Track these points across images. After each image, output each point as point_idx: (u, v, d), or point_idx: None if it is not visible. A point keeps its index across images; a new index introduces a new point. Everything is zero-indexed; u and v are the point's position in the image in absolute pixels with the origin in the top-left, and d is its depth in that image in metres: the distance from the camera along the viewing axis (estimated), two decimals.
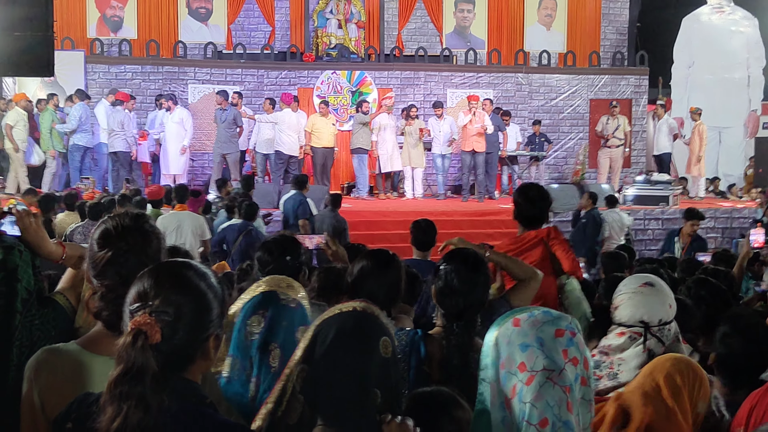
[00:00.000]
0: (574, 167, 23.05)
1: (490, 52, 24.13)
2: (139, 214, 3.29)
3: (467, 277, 4.07)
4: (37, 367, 2.97)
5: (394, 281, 4.53)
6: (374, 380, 2.66)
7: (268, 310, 3.60)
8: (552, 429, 2.53)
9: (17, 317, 3.58)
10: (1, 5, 11.08)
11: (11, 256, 3.62)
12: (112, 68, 21.56)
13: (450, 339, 3.96)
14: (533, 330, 2.64)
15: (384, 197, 20.89)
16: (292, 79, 22.29)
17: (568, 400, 2.57)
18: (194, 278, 2.41)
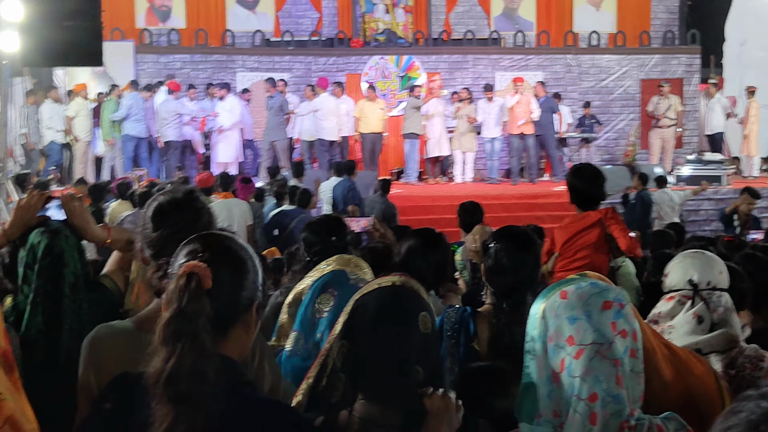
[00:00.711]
0: (625, 148, 22.90)
1: (538, 34, 23.98)
2: (190, 189, 3.32)
3: (517, 255, 4.01)
4: (93, 344, 3.00)
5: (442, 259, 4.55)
6: (414, 355, 2.65)
7: (338, 289, 3.58)
8: (602, 403, 2.49)
9: (65, 301, 3.65)
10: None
11: (57, 241, 3.69)
12: (161, 58, 21.76)
13: (500, 317, 3.94)
14: (581, 302, 2.61)
15: (433, 182, 20.87)
16: (340, 65, 22.33)
17: (618, 373, 2.53)
18: (235, 245, 2.44)
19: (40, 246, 3.68)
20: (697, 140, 23.59)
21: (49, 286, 3.65)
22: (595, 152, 22.46)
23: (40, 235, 3.71)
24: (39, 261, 3.67)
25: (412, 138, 20.18)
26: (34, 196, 3.86)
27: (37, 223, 3.80)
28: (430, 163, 21.18)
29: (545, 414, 2.59)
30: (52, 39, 11.39)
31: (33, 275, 3.67)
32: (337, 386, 2.73)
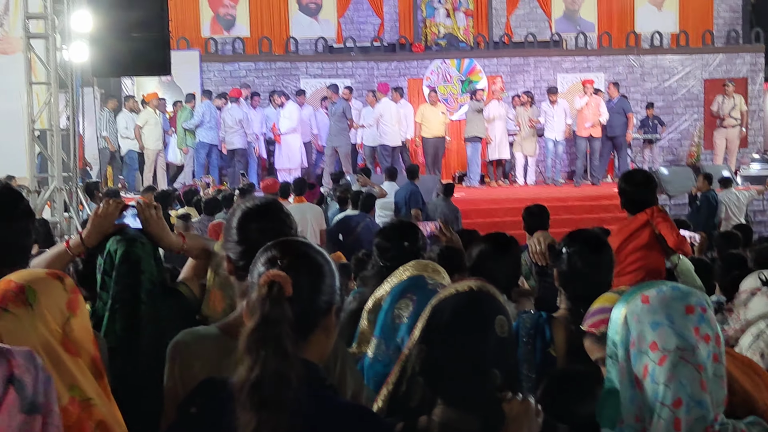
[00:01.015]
0: (689, 149, 22.70)
1: (600, 35, 23.80)
2: (271, 198, 3.40)
3: (591, 259, 3.97)
4: (178, 348, 3.05)
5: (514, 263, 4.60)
6: (491, 360, 2.63)
7: (416, 294, 3.60)
8: (686, 409, 2.50)
9: (142, 307, 3.69)
10: (119, 9, 11.42)
11: (134, 248, 3.73)
12: (226, 66, 21.99)
13: (577, 323, 3.73)
14: (663, 307, 2.61)
15: (495, 185, 20.85)
16: (401, 70, 22.37)
17: (702, 378, 2.53)
18: (312, 251, 2.49)
19: (118, 253, 3.73)
20: (761, 140, 23.32)
21: (127, 293, 3.70)
22: (659, 153, 22.26)
23: (117, 243, 3.76)
24: (116, 268, 3.72)
25: (474, 141, 20.18)
26: (110, 204, 3.91)
27: (114, 231, 3.85)
28: (491, 167, 21.14)
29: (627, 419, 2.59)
30: (121, 50, 11.57)
31: (111, 282, 3.72)
32: (416, 391, 2.72)
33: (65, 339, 2.56)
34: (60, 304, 2.60)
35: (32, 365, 2.09)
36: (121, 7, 11.54)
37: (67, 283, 2.67)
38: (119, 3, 11.54)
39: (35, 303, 2.52)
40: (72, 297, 2.65)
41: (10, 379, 2.02)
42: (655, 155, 21.87)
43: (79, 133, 18.42)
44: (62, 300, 2.61)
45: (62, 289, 2.63)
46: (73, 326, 2.62)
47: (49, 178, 12.60)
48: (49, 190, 12.14)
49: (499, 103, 20.64)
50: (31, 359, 2.09)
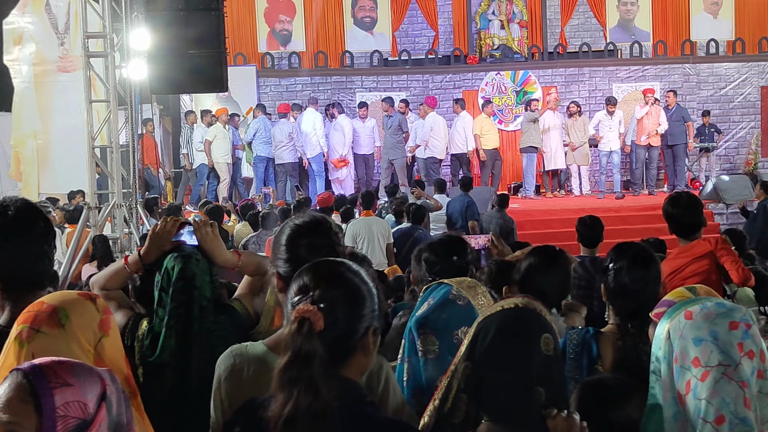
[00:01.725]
0: (746, 157, 22.48)
1: (655, 44, 23.63)
2: (320, 215, 3.43)
3: (638, 275, 3.94)
4: (225, 365, 3.11)
5: (563, 276, 4.60)
6: (536, 378, 2.64)
7: (434, 298, 3.60)
8: (729, 426, 2.50)
9: (195, 323, 3.80)
10: (176, 26, 11.59)
11: (189, 265, 3.85)
12: (282, 81, 22.16)
13: (625, 339, 3.86)
14: (706, 323, 2.62)
15: (551, 196, 20.80)
16: (456, 82, 22.40)
17: (746, 395, 2.53)
18: (347, 273, 2.51)
19: (174, 270, 3.85)
20: None
21: (182, 309, 3.80)
22: (716, 162, 22.05)
23: (173, 260, 3.88)
24: (173, 284, 3.83)
25: (530, 152, 20.11)
26: (168, 222, 4.03)
27: (171, 248, 3.98)
28: (547, 177, 21.10)
29: None
30: (179, 67, 11.72)
31: (167, 298, 3.83)
32: (460, 407, 2.74)
33: (97, 359, 2.64)
34: (92, 325, 2.69)
35: (114, 386, 2.16)
36: (179, 24, 11.68)
37: (99, 303, 2.77)
38: (177, 21, 11.68)
39: (67, 323, 2.61)
40: (104, 318, 2.74)
41: (103, 396, 2.09)
42: (711, 164, 21.67)
43: (156, 141, 18.79)
44: (95, 321, 2.71)
45: (95, 310, 2.73)
46: (105, 346, 2.71)
47: (109, 194, 12.79)
48: (110, 206, 12.32)
49: (554, 114, 20.56)
50: (113, 380, 2.17)
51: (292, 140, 19.57)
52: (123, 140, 13.07)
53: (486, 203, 16.68)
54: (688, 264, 6.17)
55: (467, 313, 3.57)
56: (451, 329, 3.56)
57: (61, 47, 18.28)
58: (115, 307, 4.04)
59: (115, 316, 4.01)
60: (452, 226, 14.99)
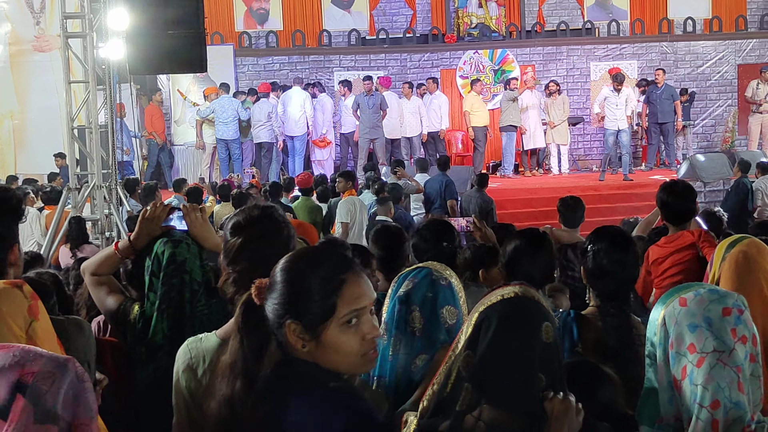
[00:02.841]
0: (723, 135, 22.59)
1: (633, 22, 23.65)
2: (267, 206, 3.47)
3: (617, 257, 3.99)
4: (182, 359, 3.21)
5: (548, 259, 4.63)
6: (538, 365, 2.68)
7: (417, 278, 3.56)
8: (724, 410, 2.55)
9: (187, 307, 3.84)
10: (155, 6, 11.50)
11: (179, 249, 3.88)
12: (260, 60, 22.05)
13: (606, 320, 3.91)
14: (700, 309, 2.67)
15: (529, 175, 20.85)
16: (434, 61, 22.37)
17: (739, 380, 2.59)
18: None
19: (165, 255, 3.88)
20: None
21: (173, 293, 3.84)
22: (693, 140, 22.18)
23: (164, 245, 3.91)
24: (163, 269, 3.87)
25: (509, 131, 20.12)
26: (158, 207, 4.07)
27: (162, 233, 4.01)
28: (526, 156, 21.14)
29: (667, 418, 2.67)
30: (157, 47, 11.63)
31: (158, 282, 3.87)
32: (462, 394, 2.74)
33: (30, 342, 2.65)
34: (22, 310, 2.72)
35: (60, 374, 2.03)
36: (157, 4, 11.58)
37: (26, 290, 2.79)
38: (155, 1, 11.60)
39: None
40: (32, 303, 2.77)
41: (18, 386, 1.97)
42: (689, 142, 21.78)
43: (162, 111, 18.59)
44: (23, 306, 2.73)
45: (22, 297, 2.75)
46: (36, 330, 2.73)
47: (89, 175, 12.73)
48: (90, 188, 12.25)
49: (533, 93, 20.64)
50: (60, 367, 2.04)
51: (270, 120, 19.50)
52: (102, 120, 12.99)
53: (465, 183, 16.71)
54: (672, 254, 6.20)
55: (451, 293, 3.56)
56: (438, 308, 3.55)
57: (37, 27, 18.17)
58: (107, 292, 4.08)
59: (107, 301, 4.06)
60: (430, 206, 14.99)
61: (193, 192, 14.04)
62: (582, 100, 22.62)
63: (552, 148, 20.94)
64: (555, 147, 20.86)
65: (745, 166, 15.48)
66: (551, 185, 18.56)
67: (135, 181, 15.00)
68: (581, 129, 22.50)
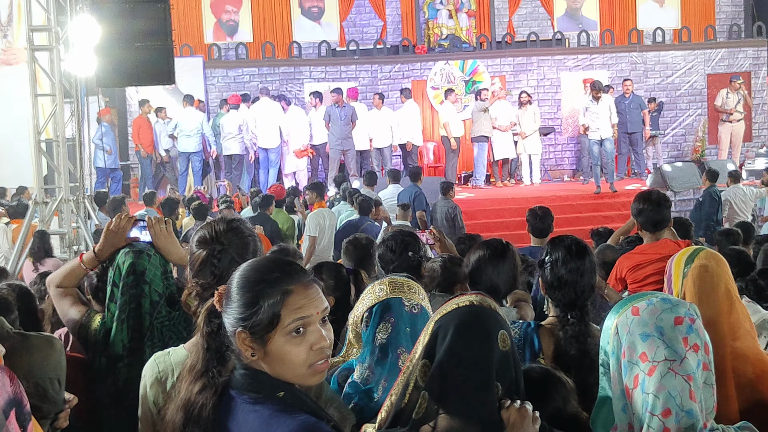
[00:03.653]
0: (693, 144, 22.72)
1: (602, 33, 23.84)
2: (232, 219, 3.46)
3: (574, 266, 3.99)
4: (149, 373, 3.20)
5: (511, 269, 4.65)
6: (494, 373, 2.70)
7: (394, 317, 3.55)
8: (675, 419, 2.55)
9: (147, 318, 3.85)
10: (122, 19, 11.46)
11: (140, 260, 3.90)
12: (230, 72, 22.01)
13: (566, 329, 3.90)
14: (652, 318, 2.66)
15: (501, 185, 20.87)
16: (405, 72, 22.39)
17: (691, 388, 2.59)
18: None
19: (125, 265, 3.90)
20: (766, 133, 23.34)
21: (133, 303, 3.85)
22: (663, 149, 22.31)
23: (125, 255, 3.94)
24: (123, 279, 3.88)
25: (481, 141, 20.12)
26: (122, 219, 4.08)
27: (126, 244, 4.02)
28: (497, 166, 21.16)
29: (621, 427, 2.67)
30: (125, 60, 11.59)
31: (118, 292, 3.88)
32: (419, 403, 2.76)
33: None
34: None
35: None
36: (125, 17, 11.55)
37: None
38: (123, 13, 11.55)
39: None
40: None
41: None
42: (659, 151, 21.91)
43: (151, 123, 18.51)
44: None
45: None
46: None
47: (56, 189, 12.65)
48: (57, 201, 12.17)
49: (504, 103, 20.69)
50: None
51: (241, 132, 19.45)
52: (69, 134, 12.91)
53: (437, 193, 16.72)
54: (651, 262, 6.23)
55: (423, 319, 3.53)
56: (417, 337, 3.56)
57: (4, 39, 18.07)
58: (71, 304, 4.09)
59: (70, 312, 4.06)
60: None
61: (167, 203, 13.95)
62: (553, 110, 22.73)
63: (524, 159, 20.95)
64: (527, 157, 20.88)
65: (712, 176, 15.55)
66: (522, 195, 18.59)
67: (104, 195, 14.92)
68: (552, 139, 22.57)
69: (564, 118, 22.38)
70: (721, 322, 3.31)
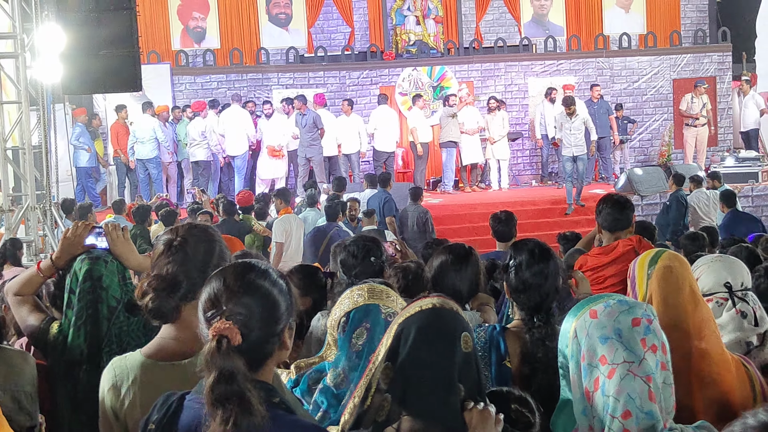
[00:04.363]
0: (659, 149, 22.85)
1: (569, 39, 23.97)
2: (199, 224, 3.46)
3: (538, 269, 3.99)
4: (106, 378, 3.16)
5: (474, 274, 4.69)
6: (456, 375, 2.71)
7: (370, 323, 3.57)
8: (636, 420, 2.57)
9: (104, 323, 3.82)
10: (89, 26, 11.44)
11: (97, 266, 3.88)
12: (197, 79, 21.89)
13: (533, 332, 3.89)
14: (611, 321, 2.69)
15: (469, 190, 20.92)
16: (373, 78, 22.39)
17: (650, 389, 2.61)
18: (258, 278, 2.54)
19: (82, 271, 3.88)
20: (731, 138, 23.51)
21: (90, 309, 3.83)
22: (630, 154, 22.45)
23: (81, 262, 3.92)
24: (79, 285, 3.86)
25: (449, 146, 20.19)
26: (79, 226, 4.07)
27: (83, 251, 4.00)
28: (465, 172, 21.22)
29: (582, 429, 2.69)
30: (92, 67, 11.58)
31: (75, 299, 3.86)
32: (382, 405, 2.77)
33: None
34: None
35: None
36: (91, 24, 11.53)
37: None
38: (89, 20, 11.52)
39: None
40: None
41: None
42: (626, 156, 22.07)
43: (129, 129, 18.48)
44: None
45: None
46: None
47: (23, 196, 12.59)
48: (23, 209, 12.12)
49: (472, 109, 20.76)
50: None
51: (205, 138, 19.43)
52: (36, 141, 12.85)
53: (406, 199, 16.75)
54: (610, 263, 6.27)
55: None
56: None
57: None
58: (28, 312, 4.05)
59: (28, 319, 4.04)
60: None
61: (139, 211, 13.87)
62: (521, 115, 22.81)
63: (492, 164, 21.02)
64: (495, 162, 20.94)
65: (679, 180, 15.68)
66: (491, 200, 18.61)
67: (72, 202, 14.84)
68: (520, 144, 22.64)
69: (531, 123, 22.44)
70: (686, 322, 3.34)
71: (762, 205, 18.62)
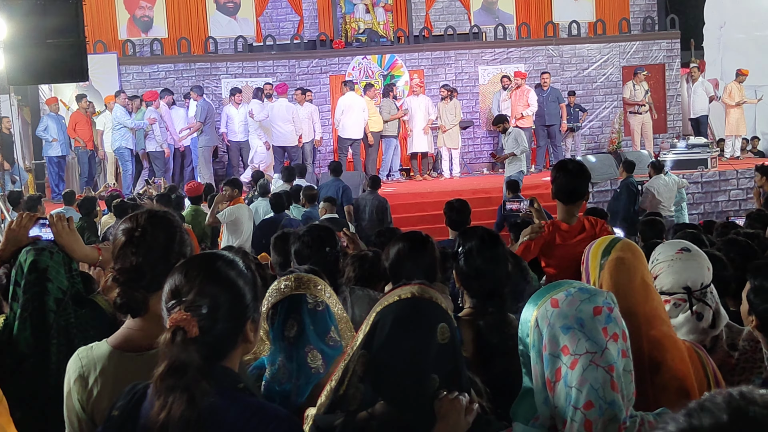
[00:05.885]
0: (609, 136, 23.00)
1: (519, 26, 24.05)
2: (158, 210, 3.40)
3: (488, 255, 4.02)
4: (72, 368, 3.09)
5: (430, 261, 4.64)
6: (431, 366, 2.72)
7: (299, 315, 3.50)
8: (599, 411, 2.55)
9: (51, 316, 3.75)
10: (33, 15, 11.27)
11: (42, 257, 3.81)
12: (145, 68, 21.69)
13: (487, 319, 3.90)
14: (572, 310, 2.66)
15: (420, 179, 20.95)
16: (323, 67, 22.33)
17: (612, 379, 2.59)
18: (223, 268, 2.50)
19: (27, 263, 3.81)
20: (681, 124, 23.71)
21: (36, 301, 3.76)
22: (581, 141, 22.59)
23: (26, 253, 3.84)
24: (24, 277, 3.79)
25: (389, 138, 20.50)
26: (24, 217, 4.02)
27: (28, 243, 3.93)
28: (415, 160, 21.23)
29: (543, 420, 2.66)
30: (37, 57, 11.43)
31: (20, 291, 3.79)
32: (356, 392, 2.79)
33: None
34: None
35: None
36: (36, 13, 11.38)
37: None
38: (33, 10, 11.37)
39: None
40: None
41: None
42: (577, 143, 22.20)
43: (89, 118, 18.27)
44: None
45: None
46: None
47: None
48: None
49: (418, 98, 20.80)
50: None
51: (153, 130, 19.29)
52: None
53: (357, 188, 16.73)
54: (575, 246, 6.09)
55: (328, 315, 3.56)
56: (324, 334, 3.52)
57: None
58: None
59: None
60: None
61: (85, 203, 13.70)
62: (471, 104, 22.84)
63: (443, 152, 21.05)
64: (447, 151, 20.97)
65: (629, 166, 15.78)
66: (442, 189, 18.63)
67: (19, 194, 14.66)
68: (471, 132, 22.68)
69: (482, 111, 22.49)
70: (638, 312, 3.33)
71: (711, 191, 18.78)
